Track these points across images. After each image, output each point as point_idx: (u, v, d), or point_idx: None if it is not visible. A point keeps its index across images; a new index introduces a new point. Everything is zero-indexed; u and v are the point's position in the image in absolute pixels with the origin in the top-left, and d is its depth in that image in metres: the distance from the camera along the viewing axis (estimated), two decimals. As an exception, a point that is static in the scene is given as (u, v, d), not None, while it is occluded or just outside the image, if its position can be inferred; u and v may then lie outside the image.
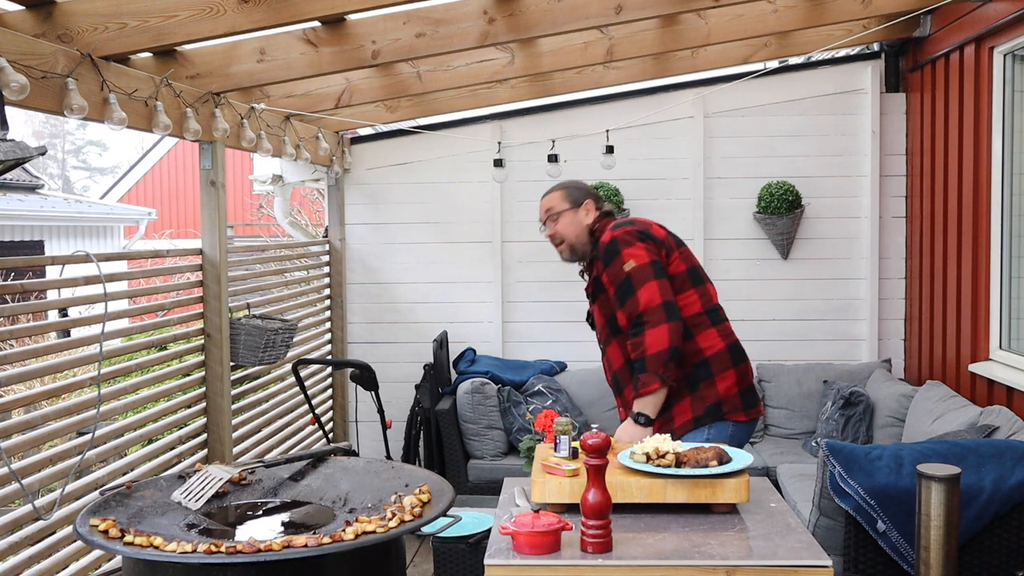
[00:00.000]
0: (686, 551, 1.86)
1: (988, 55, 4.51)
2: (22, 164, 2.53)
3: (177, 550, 1.83)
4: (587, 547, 1.87)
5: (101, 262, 3.17)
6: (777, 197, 5.61)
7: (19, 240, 11.37)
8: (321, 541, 1.86)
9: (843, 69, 5.76)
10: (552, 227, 3.11)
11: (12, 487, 2.82)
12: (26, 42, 2.72)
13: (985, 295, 4.59)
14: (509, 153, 5.80)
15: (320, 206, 11.06)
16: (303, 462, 2.46)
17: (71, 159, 32.86)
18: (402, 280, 5.98)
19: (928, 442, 3.42)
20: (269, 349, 4.32)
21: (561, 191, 3.15)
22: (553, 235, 3.11)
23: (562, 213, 3.09)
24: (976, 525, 3.14)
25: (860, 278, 5.79)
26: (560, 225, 3.10)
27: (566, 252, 3.12)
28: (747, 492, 2.06)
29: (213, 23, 3.14)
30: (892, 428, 4.90)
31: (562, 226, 3.09)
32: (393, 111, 5.42)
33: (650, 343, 2.77)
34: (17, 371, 3.00)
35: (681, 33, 4.69)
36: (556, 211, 3.11)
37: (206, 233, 4.02)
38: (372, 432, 5.66)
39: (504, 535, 1.92)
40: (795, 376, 5.57)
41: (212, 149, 3.96)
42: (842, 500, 3.21)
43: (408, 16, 3.78)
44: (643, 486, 2.04)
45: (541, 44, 4.63)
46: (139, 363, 3.72)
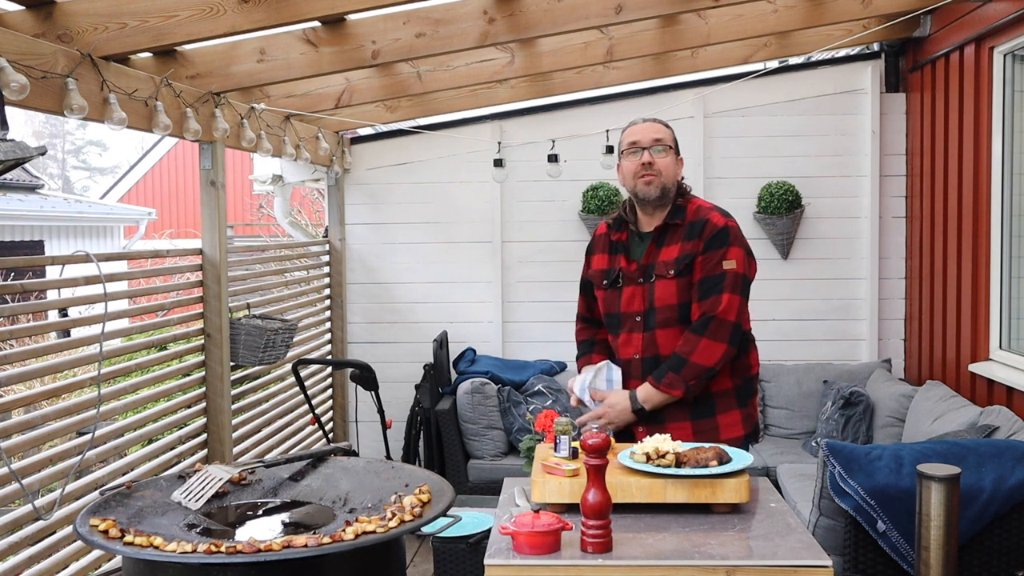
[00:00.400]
0: (686, 551, 1.86)
1: (988, 55, 4.51)
2: (22, 164, 2.53)
3: (177, 550, 1.83)
4: (587, 547, 1.87)
5: (101, 262, 3.17)
6: (777, 197, 5.61)
7: (19, 240, 11.37)
8: (321, 541, 1.85)
9: (843, 69, 5.76)
10: (658, 157, 2.75)
11: (12, 487, 2.82)
12: (26, 42, 2.72)
13: (985, 295, 4.59)
14: (509, 153, 5.80)
15: (320, 206, 11.06)
16: (303, 462, 2.46)
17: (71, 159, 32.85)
18: (402, 280, 5.98)
19: (928, 442, 3.42)
20: (269, 349, 4.32)
21: (671, 131, 2.85)
22: (653, 163, 2.73)
23: (669, 150, 2.78)
24: (976, 525, 3.14)
25: (860, 278, 5.79)
26: (665, 161, 2.76)
27: (655, 188, 2.73)
28: (747, 492, 2.06)
29: (213, 23, 3.14)
30: (892, 428, 4.90)
31: (666, 163, 2.76)
32: (393, 111, 5.42)
33: (701, 351, 2.62)
34: (17, 371, 3.00)
35: (681, 33, 4.69)
36: (667, 144, 2.79)
37: (206, 233, 4.02)
38: (372, 432, 5.66)
39: (504, 535, 1.92)
40: (795, 376, 5.57)
41: (212, 149, 3.96)
42: (842, 500, 3.21)
43: (408, 16, 3.79)
44: (643, 486, 2.04)
45: (541, 44, 4.63)
46: (139, 363, 3.72)
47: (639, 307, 2.76)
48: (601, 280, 2.86)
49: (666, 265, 2.72)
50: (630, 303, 2.78)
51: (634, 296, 2.77)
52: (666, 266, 2.72)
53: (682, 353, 2.64)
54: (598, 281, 2.87)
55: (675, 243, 2.73)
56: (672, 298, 2.71)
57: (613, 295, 2.82)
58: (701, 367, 2.62)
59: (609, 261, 2.86)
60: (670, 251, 2.74)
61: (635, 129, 2.83)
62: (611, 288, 2.83)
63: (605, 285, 2.85)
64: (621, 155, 2.85)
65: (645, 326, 2.75)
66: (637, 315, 2.76)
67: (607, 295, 2.84)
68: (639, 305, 2.76)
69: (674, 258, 2.72)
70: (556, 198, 5.87)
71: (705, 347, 2.62)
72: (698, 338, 2.63)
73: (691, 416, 2.69)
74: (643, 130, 2.80)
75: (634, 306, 2.77)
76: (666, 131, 2.81)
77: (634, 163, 2.76)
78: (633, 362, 2.77)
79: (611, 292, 2.83)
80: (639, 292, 2.76)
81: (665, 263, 2.73)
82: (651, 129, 2.79)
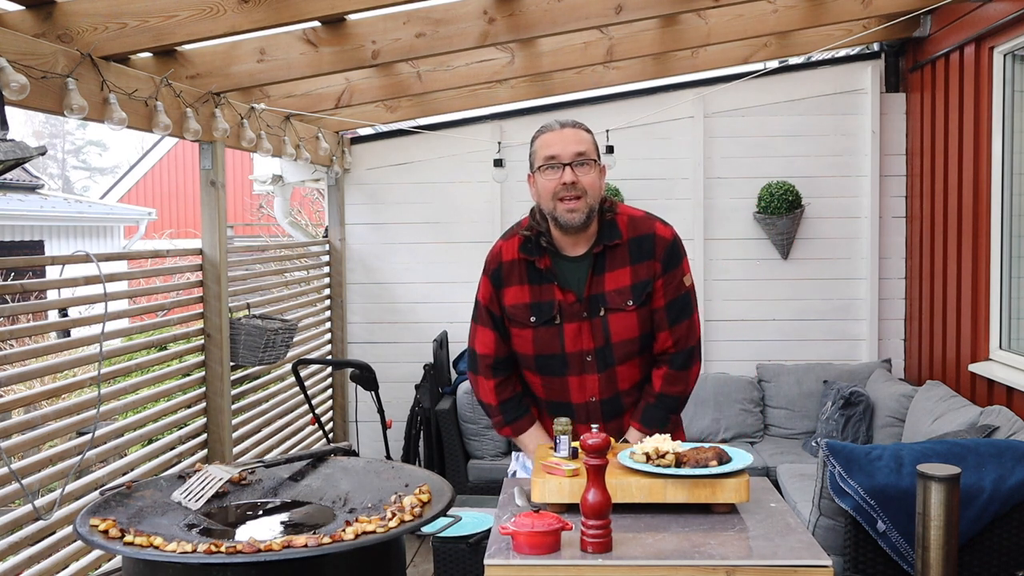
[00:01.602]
0: (686, 551, 1.86)
1: (988, 55, 4.51)
2: (22, 164, 2.53)
3: (177, 550, 1.83)
4: (587, 547, 1.87)
5: (101, 262, 3.17)
6: (777, 197, 5.61)
7: (19, 240, 11.37)
8: (321, 541, 1.85)
9: (843, 69, 5.76)
10: (583, 174, 2.35)
11: (12, 487, 2.82)
12: (26, 42, 2.72)
13: (985, 295, 4.59)
14: (509, 153, 5.80)
15: (320, 206, 11.06)
16: (303, 462, 2.46)
17: (71, 159, 32.85)
18: (402, 280, 5.98)
19: (928, 442, 3.42)
20: (269, 349, 4.32)
21: (592, 136, 2.43)
22: (577, 182, 2.34)
23: (593, 164, 2.38)
24: (976, 525, 3.14)
25: (860, 278, 5.79)
26: (590, 177, 2.36)
27: (581, 215, 2.34)
28: (747, 492, 2.06)
29: (213, 23, 3.14)
30: (892, 428, 4.90)
31: (591, 180, 2.36)
32: (393, 111, 5.42)
33: (691, 382, 2.45)
34: (17, 371, 3.00)
35: (681, 33, 4.69)
36: (591, 156, 2.38)
37: (206, 233, 4.02)
38: (372, 432, 5.66)
39: (504, 535, 1.92)
40: (795, 376, 5.57)
41: (212, 149, 3.96)
42: (842, 500, 3.21)
43: (408, 16, 3.79)
44: (643, 486, 2.04)
45: (541, 44, 4.63)
46: (139, 363, 3.72)
47: (588, 345, 2.41)
48: (528, 317, 2.43)
49: (620, 295, 2.40)
50: (576, 342, 2.41)
51: (580, 334, 2.41)
52: (620, 296, 2.40)
53: (676, 393, 2.46)
54: (523, 318, 2.44)
55: (620, 267, 2.40)
56: (633, 331, 2.41)
57: (549, 334, 2.42)
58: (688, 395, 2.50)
59: (535, 293, 2.43)
60: (617, 278, 2.40)
61: (551, 139, 2.38)
62: (545, 325, 2.42)
63: (534, 323, 2.43)
64: (534, 167, 2.43)
65: (600, 366, 2.43)
66: (587, 354, 2.42)
67: (539, 334, 2.43)
68: (587, 343, 2.41)
69: (627, 286, 2.40)
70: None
71: (693, 376, 2.48)
72: (687, 372, 2.46)
73: None
74: (562, 140, 2.36)
75: (581, 344, 2.41)
76: (587, 138, 2.40)
77: (553, 182, 2.35)
78: (590, 405, 2.47)
79: (546, 330, 2.42)
80: (585, 328, 2.40)
81: (618, 293, 2.40)
82: (571, 139, 2.37)
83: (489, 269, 2.52)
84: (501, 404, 2.55)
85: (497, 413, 2.56)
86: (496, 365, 2.54)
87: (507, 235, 2.53)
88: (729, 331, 5.84)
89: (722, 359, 5.84)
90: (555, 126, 2.41)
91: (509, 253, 2.49)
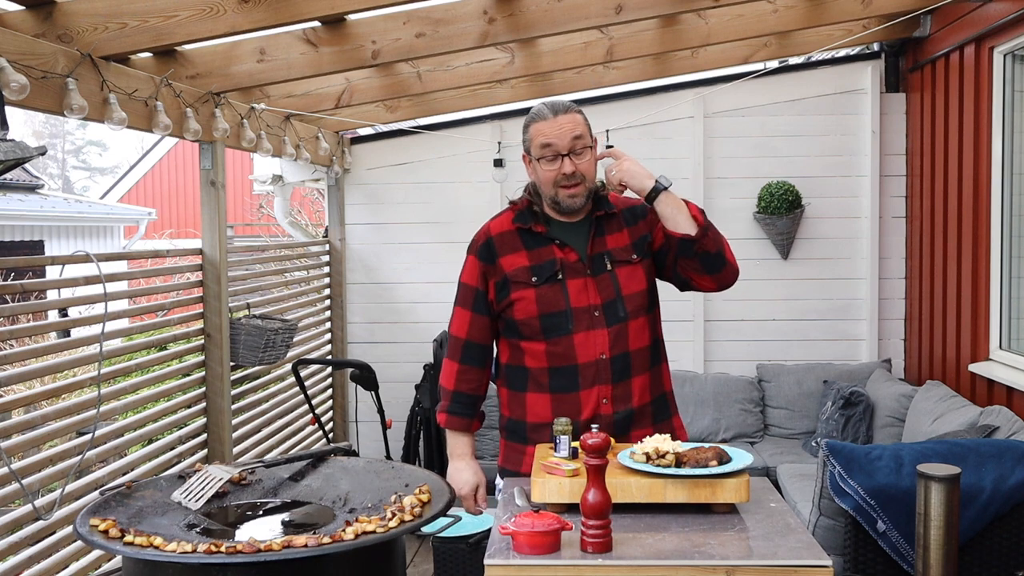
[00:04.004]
0: (686, 551, 1.86)
1: (988, 55, 4.51)
2: (22, 164, 2.53)
3: (177, 550, 1.83)
4: (587, 547, 1.86)
5: (101, 262, 3.17)
6: (777, 197, 5.61)
7: (19, 240, 11.37)
8: (321, 541, 1.86)
9: (843, 69, 5.76)
10: (580, 162, 2.39)
11: (12, 487, 2.82)
12: (26, 42, 2.73)
13: (985, 295, 4.59)
14: (509, 153, 5.80)
15: (320, 206, 11.06)
16: (303, 462, 2.46)
17: (71, 159, 32.86)
18: (402, 280, 5.98)
19: (928, 442, 3.42)
20: (269, 349, 4.32)
21: (584, 116, 2.44)
22: (576, 171, 2.38)
23: (588, 149, 2.41)
24: (976, 525, 3.14)
25: (860, 278, 5.79)
26: (587, 163, 2.40)
27: (581, 199, 2.42)
28: (747, 492, 2.06)
29: (213, 23, 3.14)
30: (892, 428, 4.90)
31: (587, 165, 2.41)
32: (393, 111, 5.42)
33: (726, 244, 2.45)
34: (17, 371, 3.00)
35: (681, 33, 4.70)
36: (586, 140, 2.41)
37: (206, 233, 4.02)
38: (372, 432, 5.66)
39: (504, 535, 1.92)
40: (795, 376, 5.57)
41: (212, 149, 3.96)
42: (842, 500, 3.20)
43: (408, 16, 3.79)
44: (643, 486, 2.04)
45: (541, 44, 4.63)
46: (139, 363, 3.72)
47: (595, 299, 2.41)
48: (529, 277, 2.43)
49: (624, 251, 2.45)
50: (581, 296, 2.41)
51: (585, 288, 2.41)
52: (624, 252, 2.45)
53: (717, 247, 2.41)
54: (524, 279, 2.43)
55: (618, 231, 2.47)
56: (641, 283, 2.45)
57: (552, 291, 2.41)
58: (725, 245, 2.43)
59: (532, 256, 2.45)
60: (618, 239, 2.47)
61: (546, 128, 2.39)
62: (548, 283, 2.42)
63: (536, 282, 2.42)
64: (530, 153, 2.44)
65: (608, 320, 2.41)
66: (595, 309, 2.41)
67: (542, 292, 2.41)
68: (595, 298, 2.41)
69: (628, 244, 2.46)
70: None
71: (727, 243, 2.45)
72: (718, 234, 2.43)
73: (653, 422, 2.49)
74: (558, 130, 2.37)
75: (588, 299, 2.41)
76: (580, 120, 2.41)
77: (553, 171, 2.39)
78: (600, 363, 2.41)
79: (548, 288, 2.41)
80: (591, 284, 2.42)
81: (621, 249, 2.45)
82: (567, 126, 2.37)
83: (475, 247, 2.53)
84: (455, 392, 2.55)
85: (446, 398, 2.56)
86: (465, 349, 2.53)
87: (496, 215, 2.58)
88: (729, 331, 5.84)
89: (722, 359, 5.84)
90: (547, 114, 2.40)
91: (499, 227, 2.52)
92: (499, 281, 2.47)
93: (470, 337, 2.52)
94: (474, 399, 2.56)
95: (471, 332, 2.52)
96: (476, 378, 2.55)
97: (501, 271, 2.47)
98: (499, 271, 2.47)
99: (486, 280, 2.49)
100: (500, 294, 2.47)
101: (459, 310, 2.54)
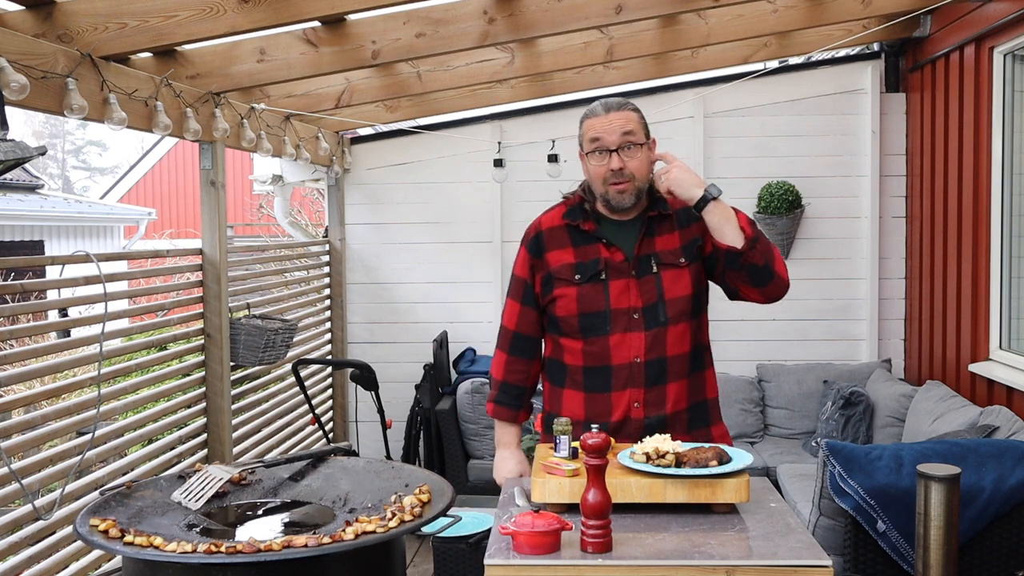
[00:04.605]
0: (686, 551, 1.86)
1: (988, 55, 4.51)
2: (22, 164, 2.53)
3: (177, 550, 1.83)
4: (587, 547, 1.86)
5: (101, 262, 3.17)
6: (777, 197, 5.61)
7: (19, 240, 11.37)
8: (321, 541, 1.86)
9: (843, 69, 5.77)
10: (629, 159, 2.38)
11: (12, 487, 2.82)
12: (26, 42, 2.73)
13: (985, 295, 4.59)
14: (509, 153, 5.80)
15: (320, 206, 11.06)
16: (303, 462, 2.46)
17: (71, 159, 32.86)
18: (402, 280, 5.98)
19: (928, 442, 3.42)
20: (269, 349, 4.32)
21: (640, 115, 2.43)
22: (624, 168, 2.37)
23: (639, 146, 2.39)
24: (976, 525, 3.14)
25: (860, 278, 5.79)
26: (637, 160, 2.39)
27: (630, 196, 2.40)
28: (747, 492, 2.06)
29: (213, 23, 3.14)
30: (892, 428, 4.90)
31: (638, 163, 2.39)
32: (393, 111, 5.42)
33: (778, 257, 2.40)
34: (17, 371, 3.00)
35: (681, 33, 4.69)
36: (638, 137, 2.39)
37: (206, 233, 4.02)
38: (372, 432, 5.66)
39: (504, 535, 1.92)
40: (795, 376, 5.57)
41: (212, 149, 3.96)
42: (842, 500, 3.21)
43: (408, 16, 3.79)
44: (643, 486, 2.04)
45: (541, 44, 4.63)
46: (139, 363, 3.72)
47: (636, 302, 2.39)
48: (572, 275, 2.43)
49: (672, 254, 2.42)
50: (622, 298, 2.40)
51: (627, 290, 2.40)
52: (672, 255, 2.41)
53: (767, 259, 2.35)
54: (567, 276, 2.44)
55: (669, 232, 2.44)
56: (686, 288, 2.40)
57: (593, 290, 2.41)
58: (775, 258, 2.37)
59: (579, 253, 2.44)
60: (668, 240, 2.43)
61: (597, 124, 2.40)
62: (590, 282, 2.41)
63: (579, 280, 2.42)
64: (583, 148, 2.46)
65: (647, 323, 2.38)
66: (634, 311, 2.39)
67: (583, 291, 2.41)
68: (636, 300, 2.39)
69: (678, 247, 2.42)
70: (556, 198, 5.84)
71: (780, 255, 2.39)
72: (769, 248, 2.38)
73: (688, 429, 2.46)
74: (608, 125, 2.38)
75: (629, 301, 2.39)
76: (634, 118, 2.40)
77: (602, 168, 2.39)
78: (633, 367, 2.39)
79: (590, 287, 2.41)
80: (633, 285, 2.40)
81: (670, 252, 2.42)
82: (617, 122, 2.37)
83: (527, 239, 2.55)
84: (503, 382, 2.60)
85: (495, 388, 2.61)
86: (514, 340, 2.57)
87: (548, 209, 2.59)
88: (729, 331, 5.83)
89: (722, 359, 5.76)
90: (600, 111, 2.41)
91: (550, 221, 2.53)
92: (544, 276, 2.49)
93: (519, 329, 2.56)
94: (521, 390, 2.60)
95: (520, 324, 2.55)
96: (523, 369, 2.59)
97: (547, 266, 2.48)
98: (545, 266, 2.49)
99: (534, 274, 2.51)
100: (544, 289, 2.49)
101: (510, 301, 2.58)
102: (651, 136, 2.45)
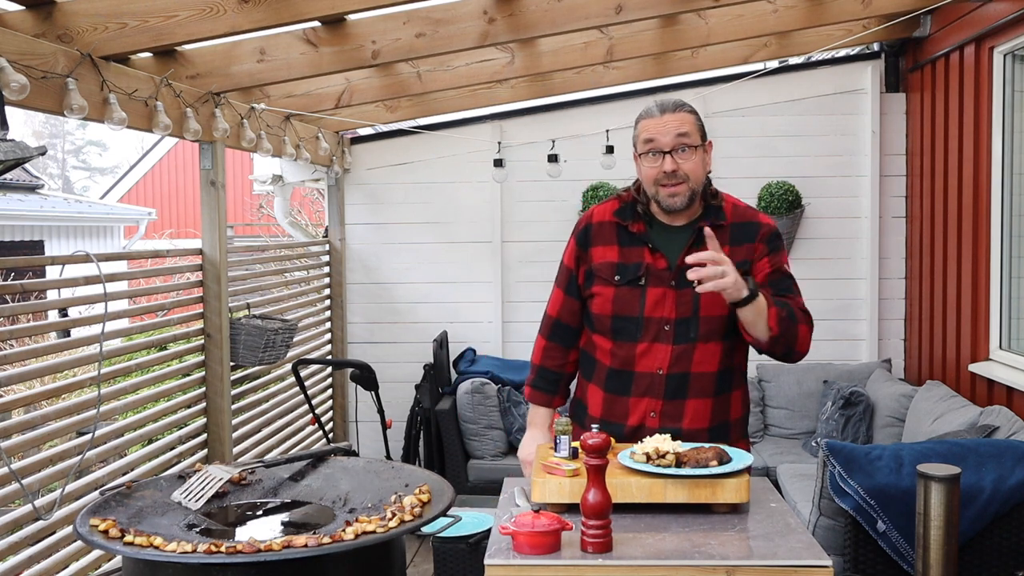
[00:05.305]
0: (686, 551, 1.86)
1: (988, 55, 4.51)
2: (22, 164, 2.53)
3: (177, 550, 1.83)
4: (587, 547, 1.86)
5: (101, 262, 3.17)
6: (777, 197, 5.61)
7: (19, 240, 11.37)
8: (321, 541, 1.85)
9: (843, 69, 5.76)
10: (683, 161, 2.34)
11: (12, 487, 2.82)
12: (26, 42, 2.72)
13: (985, 295, 4.59)
14: (509, 153, 5.80)
15: (320, 206, 11.06)
16: (303, 462, 2.46)
17: (71, 159, 32.86)
18: (402, 280, 5.98)
19: (928, 442, 3.42)
20: (269, 349, 4.32)
21: (696, 117, 2.40)
22: (677, 170, 2.33)
23: (695, 149, 2.35)
24: (976, 525, 3.14)
25: (860, 278, 5.79)
26: (692, 163, 2.35)
27: (683, 199, 2.35)
28: (747, 492, 2.06)
29: (213, 23, 3.14)
30: (892, 428, 4.90)
31: (692, 166, 2.35)
32: (393, 111, 5.42)
33: (802, 338, 2.39)
34: (17, 371, 3.00)
35: (681, 33, 4.69)
36: (693, 140, 2.36)
37: (206, 233, 4.02)
38: (372, 432, 5.66)
39: (504, 535, 1.92)
40: (795, 376, 5.57)
41: (212, 149, 3.96)
42: (842, 500, 3.20)
43: (408, 16, 3.79)
44: (643, 486, 2.04)
45: (541, 44, 4.63)
46: (139, 363, 3.72)
47: (670, 313, 2.36)
48: (612, 275, 2.41)
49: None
50: (657, 307, 2.37)
51: (664, 300, 2.36)
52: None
53: (796, 320, 2.34)
54: (607, 275, 2.42)
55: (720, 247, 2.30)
56: (724, 308, 2.31)
57: (631, 295, 2.39)
58: (798, 341, 2.38)
59: (623, 254, 2.42)
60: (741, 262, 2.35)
61: (652, 125, 2.36)
62: (628, 286, 2.39)
63: (618, 281, 2.40)
64: (636, 149, 2.43)
65: (677, 337, 2.36)
66: (666, 323, 2.36)
67: (620, 293, 2.40)
68: (670, 311, 2.36)
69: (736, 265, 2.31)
70: (556, 198, 5.87)
71: (803, 332, 2.37)
72: (805, 321, 2.38)
73: None
74: (663, 127, 2.34)
75: (663, 311, 2.36)
76: (690, 119, 2.37)
77: (655, 169, 2.35)
78: (655, 378, 2.38)
79: (627, 290, 2.39)
80: (671, 296, 2.36)
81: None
82: (672, 123, 2.34)
83: (577, 229, 2.54)
84: (540, 367, 2.63)
85: (532, 371, 2.65)
86: (553, 327, 2.59)
87: (603, 201, 2.57)
88: (729, 331, 5.83)
89: (722, 359, 5.82)
90: (655, 112, 2.38)
91: (601, 215, 2.50)
92: (587, 270, 2.49)
93: (559, 317, 2.58)
94: (558, 376, 2.62)
95: (561, 312, 2.57)
96: (560, 356, 2.60)
97: (590, 261, 2.48)
98: (589, 260, 2.49)
99: (579, 265, 2.52)
100: (586, 282, 2.50)
101: (555, 289, 2.60)
102: (707, 138, 2.43)
